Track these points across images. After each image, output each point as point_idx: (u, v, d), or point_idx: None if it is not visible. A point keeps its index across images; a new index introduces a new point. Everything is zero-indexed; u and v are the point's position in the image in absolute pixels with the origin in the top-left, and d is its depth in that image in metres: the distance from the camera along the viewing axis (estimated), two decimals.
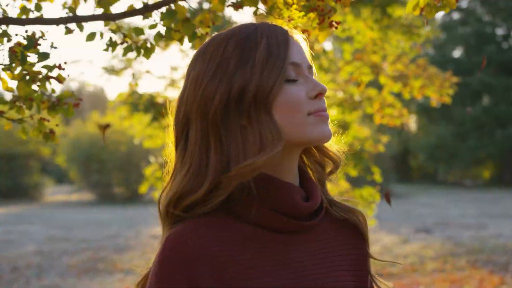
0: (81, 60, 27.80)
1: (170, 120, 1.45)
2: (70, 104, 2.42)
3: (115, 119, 15.05)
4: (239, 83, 1.33)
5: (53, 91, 2.39)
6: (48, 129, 2.44)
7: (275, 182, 1.35)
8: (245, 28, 1.40)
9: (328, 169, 1.53)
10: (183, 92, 1.41)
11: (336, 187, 1.61)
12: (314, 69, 1.44)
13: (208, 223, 1.31)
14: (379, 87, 8.54)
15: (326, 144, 1.49)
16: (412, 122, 37.33)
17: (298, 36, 1.45)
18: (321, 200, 1.46)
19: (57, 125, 2.50)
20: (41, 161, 31.29)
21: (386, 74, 8.11)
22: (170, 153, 1.45)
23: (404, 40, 8.26)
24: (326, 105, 1.41)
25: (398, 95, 8.52)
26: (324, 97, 1.41)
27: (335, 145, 1.52)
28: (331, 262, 1.42)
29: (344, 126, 7.99)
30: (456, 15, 34.62)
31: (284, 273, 1.33)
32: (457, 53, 33.79)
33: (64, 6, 2.45)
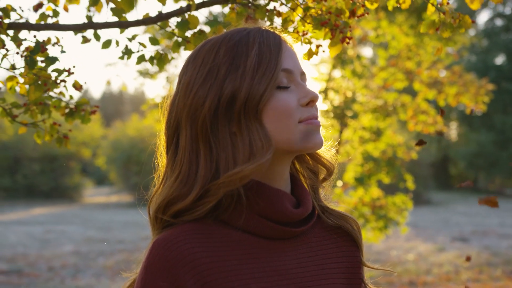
0: (117, 63, 28.00)
1: (162, 124, 1.45)
2: (87, 111, 2.46)
3: (153, 122, 15.20)
4: (229, 90, 1.31)
5: (71, 97, 2.43)
6: (61, 134, 2.48)
7: (265, 188, 1.34)
8: (237, 33, 1.38)
9: (321, 176, 1.51)
10: (174, 97, 1.40)
11: (369, 194, 1.59)
12: (306, 75, 1.43)
13: (196, 229, 1.31)
14: (413, 94, 8.48)
15: (319, 151, 1.48)
16: (452, 129, 36.94)
17: (291, 42, 1.44)
18: (313, 207, 1.45)
19: (70, 130, 2.53)
20: (82, 162, 31.65)
21: (421, 80, 8.05)
22: (161, 157, 1.46)
23: (440, 47, 8.18)
24: (318, 113, 1.39)
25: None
26: (316, 104, 1.39)
27: (328, 152, 1.51)
28: (321, 270, 1.41)
29: (377, 133, 7.95)
30: (499, 22, 34.13)
31: (272, 279, 1.32)
32: (499, 60, 33.28)
33: (88, 9, 2.50)
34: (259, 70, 1.32)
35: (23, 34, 2.35)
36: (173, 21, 2.34)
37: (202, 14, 2.36)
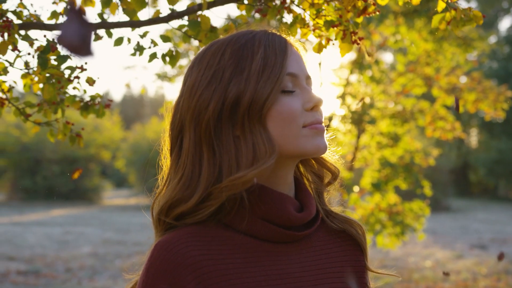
0: (136, 66, 28.19)
1: (166, 125, 1.45)
2: (101, 105, 2.48)
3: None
4: (233, 93, 1.31)
5: (84, 91, 2.45)
6: (74, 132, 2.50)
7: (268, 192, 1.33)
8: (243, 36, 1.38)
9: (326, 180, 1.50)
10: (179, 99, 1.40)
11: (386, 200, 1.56)
12: (312, 80, 1.42)
13: (198, 232, 1.31)
14: (432, 100, 8.44)
15: (324, 155, 1.48)
16: (472, 136, 36.71)
17: (298, 45, 1.43)
18: (317, 210, 1.45)
19: (82, 128, 2.55)
20: (101, 164, 31.78)
21: (439, 86, 8.01)
22: (165, 159, 1.47)
23: (459, 53, 8.14)
24: (323, 117, 1.39)
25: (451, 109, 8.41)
26: (321, 109, 1.39)
27: (333, 156, 1.50)
28: (325, 274, 1.40)
29: (395, 139, 7.92)
30: None
31: (274, 283, 1.31)
32: None
33: (103, 11, 2.52)
34: (264, 73, 1.32)
35: (35, 33, 2.37)
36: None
37: (214, 14, 2.37)
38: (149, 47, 2.44)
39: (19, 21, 2.33)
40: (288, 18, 2.24)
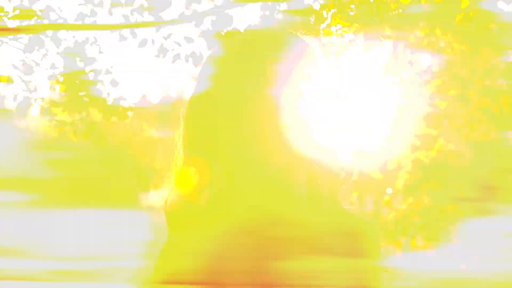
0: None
1: (181, 121, 1.46)
2: (123, 108, 2.49)
3: None
4: (247, 92, 1.29)
5: (108, 94, 2.47)
6: (98, 133, 2.52)
7: None
8: (259, 34, 1.39)
9: (339, 179, 1.48)
10: (193, 94, 1.37)
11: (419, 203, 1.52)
12: (329, 81, 1.40)
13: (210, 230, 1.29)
14: (467, 101, 8.34)
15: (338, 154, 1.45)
16: None
17: (317, 46, 1.42)
18: (329, 210, 1.42)
19: (106, 129, 2.56)
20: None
21: (475, 88, 7.92)
22: (179, 154, 1.46)
23: (496, 54, 8.02)
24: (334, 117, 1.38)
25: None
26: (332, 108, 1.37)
27: (347, 154, 1.47)
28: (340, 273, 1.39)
29: (429, 140, 7.86)
30: None
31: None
32: None
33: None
34: (279, 74, 1.29)
35: (62, 34, 2.40)
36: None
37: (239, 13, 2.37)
38: (173, 49, 2.45)
39: (46, 21, 2.36)
40: (312, 18, 2.24)
